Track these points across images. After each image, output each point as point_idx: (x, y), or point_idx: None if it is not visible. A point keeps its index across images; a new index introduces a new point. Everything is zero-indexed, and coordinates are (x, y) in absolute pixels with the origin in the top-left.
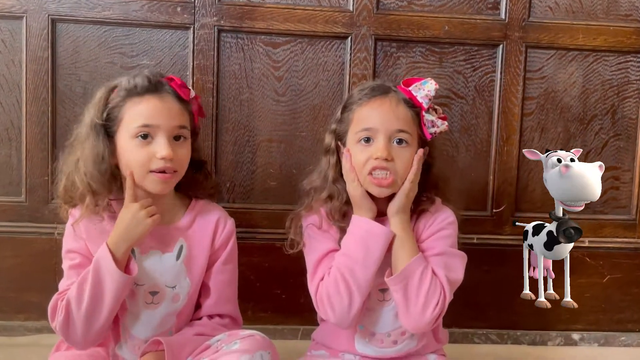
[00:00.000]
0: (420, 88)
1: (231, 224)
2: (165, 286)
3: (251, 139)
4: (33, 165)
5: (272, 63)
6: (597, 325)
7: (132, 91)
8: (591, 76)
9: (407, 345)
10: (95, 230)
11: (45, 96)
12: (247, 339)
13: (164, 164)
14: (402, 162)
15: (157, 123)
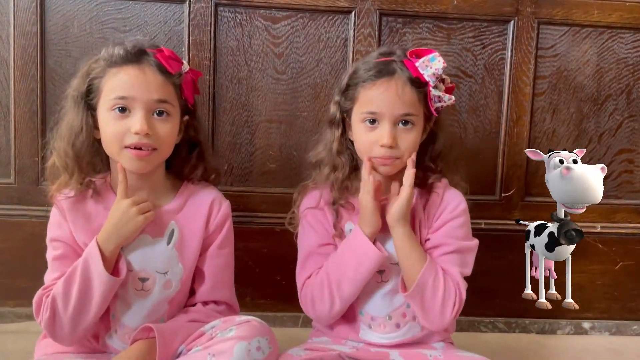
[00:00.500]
0: (427, 65)
1: (227, 206)
2: (156, 272)
3: (250, 119)
4: (22, 146)
5: (271, 39)
6: (608, 314)
7: (110, 61)
8: (606, 54)
9: (411, 329)
10: (79, 214)
11: (34, 73)
12: (243, 325)
13: (139, 139)
14: (406, 143)
15: (134, 95)
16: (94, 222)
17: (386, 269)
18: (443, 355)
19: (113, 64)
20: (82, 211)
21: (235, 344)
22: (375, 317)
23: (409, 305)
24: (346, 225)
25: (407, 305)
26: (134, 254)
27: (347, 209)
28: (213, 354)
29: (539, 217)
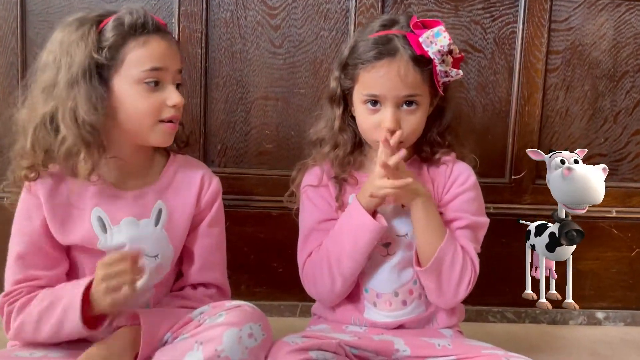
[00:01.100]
0: (432, 42)
1: (217, 182)
2: (146, 256)
3: (244, 96)
4: (2, 123)
5: (267, 10)
6: (623, 303)
7: (134, 29)
8: (623, 28)
9: (417, 307)
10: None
11: (14, 45)
12: (233, 310)
13: (175, 112)
14: (410, 125)
15: (167, 66)
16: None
17: (392, 242)
18: (452, 345)
19: (136, 33)
20: (61, 204)
21: (225, 330)
22: (381, 293)
23: (416, 281)
24: (350, 197)
25: (414, 282)
26: (120, 236)
27: (350, 184)
28: (201, 342)
29: (549, 202)
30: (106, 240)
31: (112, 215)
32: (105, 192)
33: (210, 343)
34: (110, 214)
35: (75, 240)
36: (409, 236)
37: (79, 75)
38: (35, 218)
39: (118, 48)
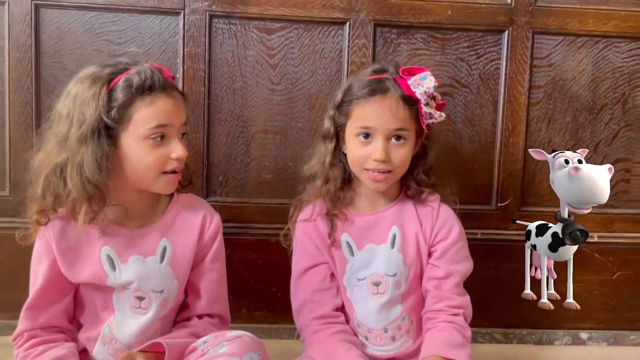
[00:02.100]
0: (419, 84)
1: (218, 219)
2: (152, 291)
3: (245, 130)
4: (17, 158)
5: (266, 50)
6: (606, 324)
7: (142, 88)
8: (601, 63)
9: (405, 342)
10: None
11: (28, 85)
12: (234, 340)
13: (178, 164)
14: (399, 158)
15: (172, 122)
16: (85, 256)
17: (382, 282)
18: None
19: (143, 93)
20: (71, 246)
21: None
22: (372, 329)
23: (404, 317)
24: (342, 236)
25: (402, 318)
26: (128, 273)
27: (341, 219)
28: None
29: None
30: (115, 278)
31: (120, 254)
32: (112, 232)
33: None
34: (118, 253)
35: (85, 279)
36: (397, 276)
37: (88, 134)
38: (45, 260)
39: (126, 107)
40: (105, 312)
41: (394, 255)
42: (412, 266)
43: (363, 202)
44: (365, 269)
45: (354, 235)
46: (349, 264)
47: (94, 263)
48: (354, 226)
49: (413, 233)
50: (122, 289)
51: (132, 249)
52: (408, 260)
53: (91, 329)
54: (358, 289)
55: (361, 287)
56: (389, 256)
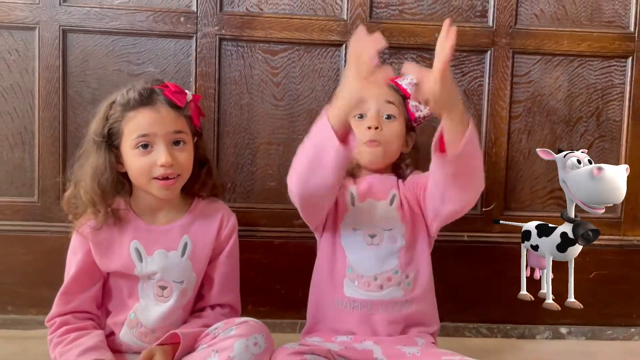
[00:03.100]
0: (404, 77)
1: (234, 219)
2: (174, 282)
3: (251, 142)
4: (45, 168)
5: (270, 69)
6: (584, 320)
7: (126, 106)
8: (576, 80)
9: (393, 292)
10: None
11: (56, 102)
12: (242, 324)
13: (165, 170)
14: (390, 132)
15: (153, 131)
16: (116, 248)
17: (377, 234)
18: (421, 353)
19: (130, 109)
20: (104, 239)
21: (236, 341)
22: (362, 275)
23: (397, 271)
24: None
25: (395, 271)
26: (153, 265)
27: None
28: (217, 350)
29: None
30: (142, 268)
31: (147, 247)
32: (140, 228)
33: (224, 351)
34: (145, 246)
35: (115, 268)
36: (393, 231)
37: (92, 145)
38: (80, 251)
39: (120, 123)
40: (131, 299)
41: (391, 211)
42: (408, 224)
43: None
44: (363, 220)
45: (357, 188)
46: (348, 213)
47: (123, 254)
48: (359, 182)
49: (406, 198)
50: (147, 279)
51: (157, 244)
52: (404, 219)
53: (119, 315)
54: (353, 238)
55: (356, 237)
56: (387, 212)
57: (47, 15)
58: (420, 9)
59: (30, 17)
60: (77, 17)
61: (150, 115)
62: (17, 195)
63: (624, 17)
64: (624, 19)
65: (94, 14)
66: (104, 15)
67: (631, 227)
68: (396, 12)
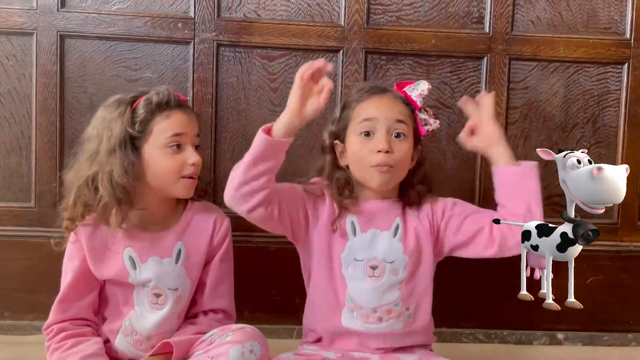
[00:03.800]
0: (414, 88)
1: (227, 223)
2: (168, 289)
3: (248, 147)
4: (42, 173)
5: (268, 75)
6: (581, 325)
7: (161, 105)
8: (572, 86)
9: (392, 325)
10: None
11: (54, 107)
12: (238, 331)
13: (194, 169)
14: (400, 154)
15: (186, 131)
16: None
17: (379, 266)
18: None
19: (162, 109)
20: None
21: (231, 347)
22: (362, 306)
23: (398, 303)
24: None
25: (395, 304)
26: (147, 272)
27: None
28: (212, 357)
29: None
30: (136, 276)
31: (140, 255)
32: (134, 235)
33: (219, 357)
34: (139, 254)
35: (110, 275)
36: (395, 263)
37: (117, 145)
38: (76, 258)
39: (147, 122)
40: (126, 307)
41: (394, 243)
42: (412, 256)
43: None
44: (365, 251)
45: (360, 218)
46: (349, 243)
47: (117, 262)
48: (362, 209)
49: (413, 227)
50: (141, 286)
51: (151, 250)
52: (408, 250)
53: (114, 322)
54: (354, 269)
55: (357, 268)
56: (390, 243)
57: (45, 21)
58: (417, 16)
59: (28, 22)
60: (75, 23)
61: (183, 116)
62: (13, 201)
63: (619, 24)
64: (619, 26)
65: (92, 19)
66: (101, 21)
67: (628, 232)
68: (393, 19)
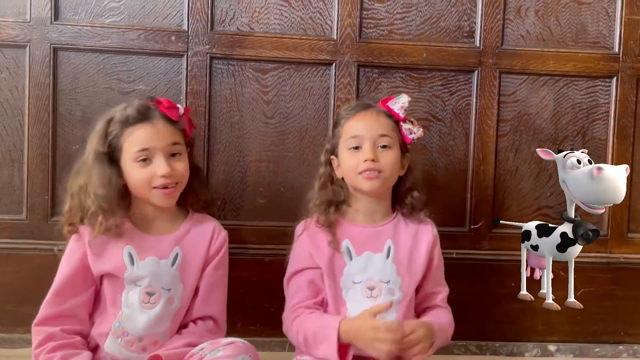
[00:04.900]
0: (395, 102)
1: (225, 234)
2: (162, 288)
3: (241, 159)
4: (34, 185)
5: (261, 88)
6: (572, 337)
7: (125, 122)
8: (562, 100)
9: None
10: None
11: (46, 119)
12: (229, 346)
13: (164, 180)
14: (387, 161)
15: (152, 145)
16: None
17: (376, 287)
18: None
19: (128, 125)
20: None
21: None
22: None
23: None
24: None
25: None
26: (144, 269)
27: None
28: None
29: (506, 248)
30: (132, 272)
31: (139, 253)
32: (135, 235)
33: None
34: (138, 252)
35: (107, 269)
36: (390, 283)
37: (95, 160)
38: (77, 253)
39: (119, 139)
40: (113, 308)
41: (388, 264)
42: (405, 276)
43: (361, 216)
44: (361, 274)
45: (353, 242)
46: (347, 267)
47: (116, 257)
48: (354, 234)
49: (407, 248)
50: (133, 285)
51: (150, 251)
52: (401, 270)
53: (102, 325)
54: (353, 291)
55: (356, 290)
56: (384, 264)
57: (38, 34)
58: (408, 29)
59: (21, 35)
60: (68, 36)
61: (148, 130)
62: (5, 213)
63: (608, 38)
64: (608, 40)
65: (85, 32)
66: (95, 34)
67: (617, 244)
68: (385, 32)
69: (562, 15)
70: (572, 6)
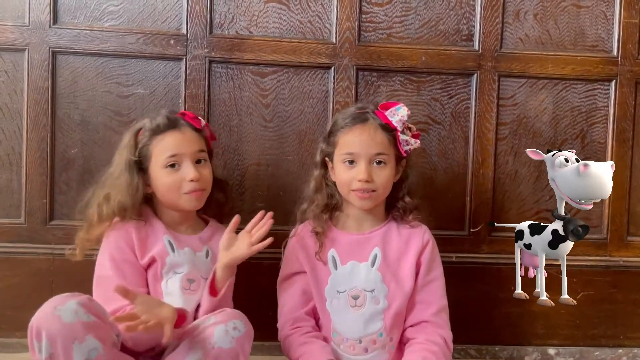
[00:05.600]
0: (395, 114)
1: None
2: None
3: (240, 163)
4: (32, 189)
5: (260, 91)
6: (572, 341)
7: (155, 130)
8: (561, 103)
9: (379, 355)
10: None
11: (45, 123)
12: (219, 313)
13: (193, 185)
14: (381, 179)
15: (182, 151)
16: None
17: (360, 295)
18: None
19: (158, 132)
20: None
21: (215, 327)
22: (347, 339)
23: (382, 334)
24: (329, 251)
25: (379, 334)
26: (183, 257)
27: (328, 237)
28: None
29: (505, 251)
30: (173, 257)
31: (177, 243)
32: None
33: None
34: (176, 242)
35: (153, 254)
36: (375, 292)
37: (123, 169)
38: (125, 246)
39: (148, 147)
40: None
41: (372, 273)
42: (390, 284)
43: (351, 222)
44: (346, 283)
45: (340, 251)
46: (332, 276)
47: (159, 243)
48: (341, 243)
49: (396, 256)
50: (172, 273)
51: (185, 243)
52: (386, 279)
53: None
54: (337, 301)
55: (340, 299)
56: (368, 273)
57: (37, 37)
58: (407, 33)
59: (20, 39)
60: (67, 39)
61: (177, 137)
62: (3, 217)
63: (607, 42)
64: (607, 43)
65: (84, 36)
66: (94, 38)
67: (617, 247)
68: (384, 36)
69: (561, 18)
70: (570, 10)
